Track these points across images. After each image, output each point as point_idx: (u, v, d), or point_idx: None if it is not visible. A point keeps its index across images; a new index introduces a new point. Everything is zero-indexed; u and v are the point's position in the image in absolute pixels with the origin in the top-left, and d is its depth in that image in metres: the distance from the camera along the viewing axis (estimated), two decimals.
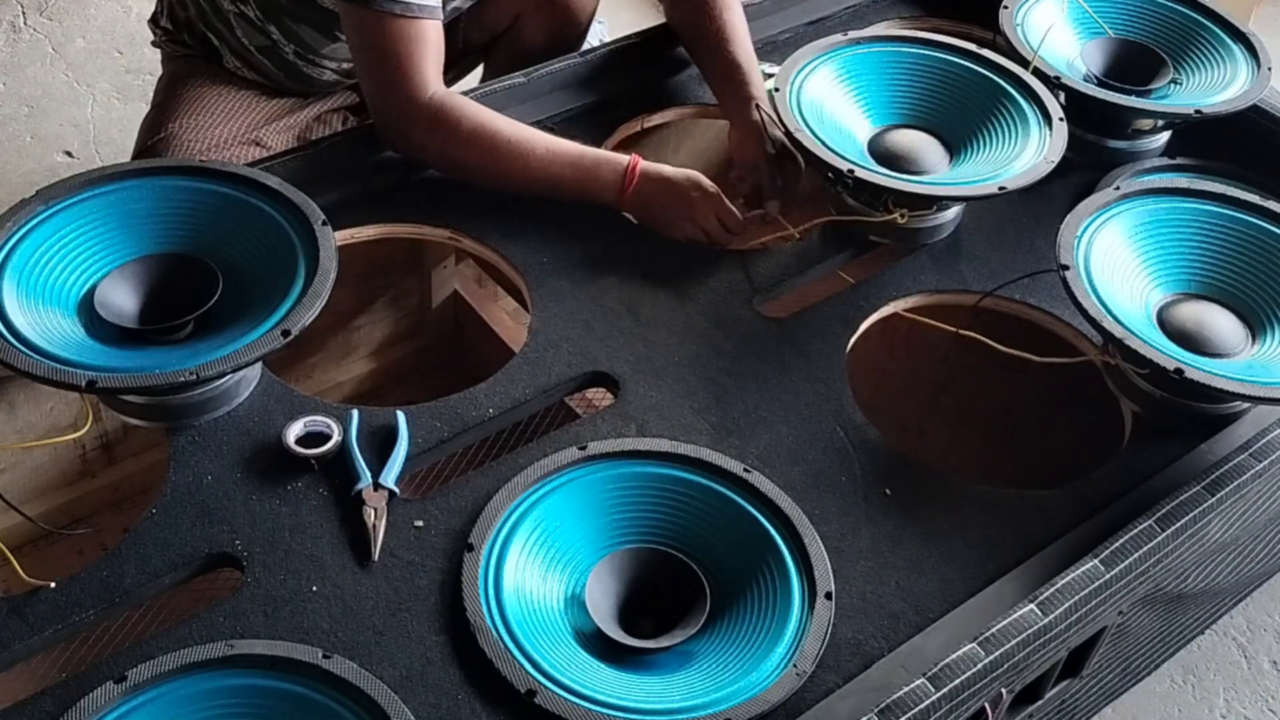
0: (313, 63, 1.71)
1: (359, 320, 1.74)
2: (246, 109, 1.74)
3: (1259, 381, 1.27)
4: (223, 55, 1.73)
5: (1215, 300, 1.40)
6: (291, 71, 1.72)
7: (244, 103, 1.74)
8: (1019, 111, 1.55)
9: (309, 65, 1.71)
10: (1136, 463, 1.32)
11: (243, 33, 1.69)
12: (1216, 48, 1.72)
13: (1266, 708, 1.60)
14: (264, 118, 1.75)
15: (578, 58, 1.71)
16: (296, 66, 1.71)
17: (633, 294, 1.44)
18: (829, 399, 1.34)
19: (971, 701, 1.13)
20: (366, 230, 1.48)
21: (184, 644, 1.06)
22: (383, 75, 1.44)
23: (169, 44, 1.79)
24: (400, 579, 1.15)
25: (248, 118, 1.73)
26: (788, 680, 1.07)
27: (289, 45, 1.68)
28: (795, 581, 1.14)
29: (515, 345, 1.50)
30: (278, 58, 1.70)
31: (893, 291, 1.47)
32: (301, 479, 1.22)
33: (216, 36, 1.72)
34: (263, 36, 1.68)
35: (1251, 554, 1.52)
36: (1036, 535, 1.24)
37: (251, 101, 1.75)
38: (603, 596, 1.13)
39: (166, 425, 1.25)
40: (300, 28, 1.66)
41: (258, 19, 1.66)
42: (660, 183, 1.48)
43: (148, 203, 1.34)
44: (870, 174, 1.47)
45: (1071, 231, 1.38)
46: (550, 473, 1.20)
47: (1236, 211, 1.44)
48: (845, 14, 1.88)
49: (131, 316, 1.27)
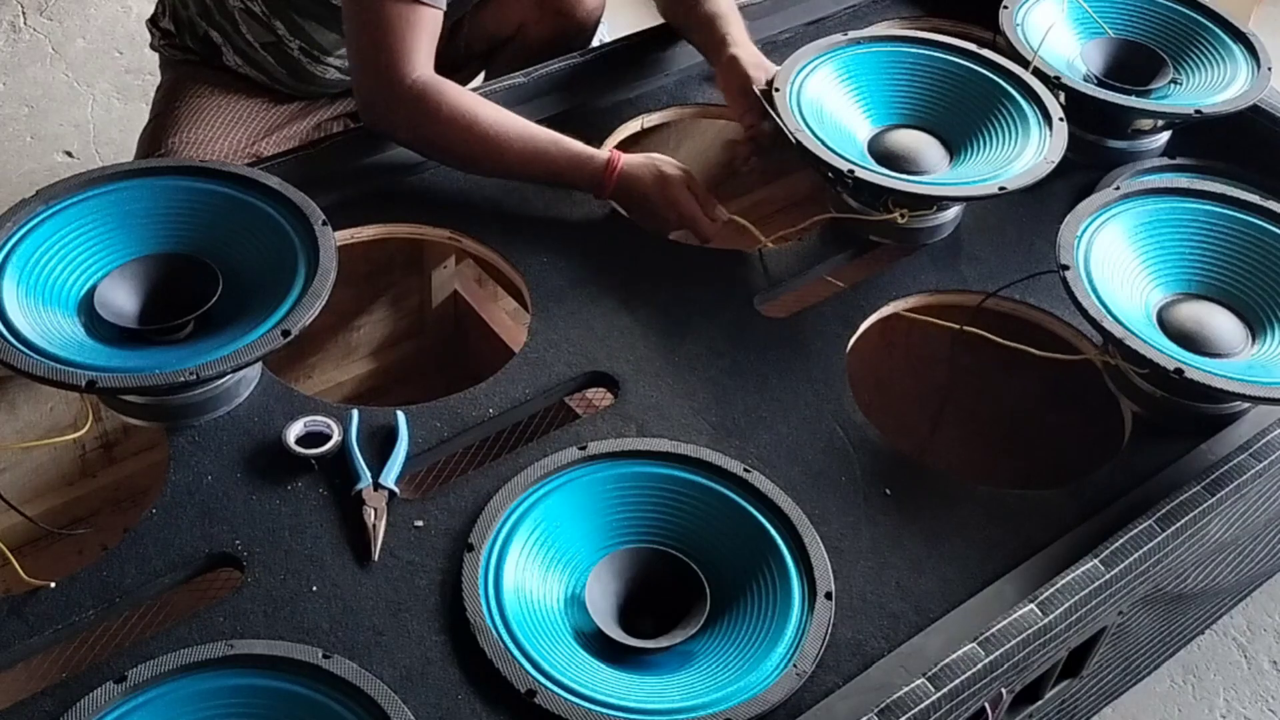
0: (317, 60, 1.71)
1: (359, 320, 1.74)
2: (247, 119, 1.74)
3: (1259, 381, 1.27)
4: (224, 53, 1.73)
5: (1215, 300, 1.40)
6: (294, 69, 1.72)
7: (244, 112, 1.74)
8: (1019, 111, 1.55)
9: (313, 63, 1.71)
10: (1136, 463, 1.32)
11: (247, 28, 1.69)
12: (1216, 48, 1.72)
13: (1266, 708, 1.60)
14: (264, 128, 1.75)
15: (577, 57, 1.71)
16: (300, 63, 1.71)
17: (633, 294, 1.44)
18: (829, 399, 1.34)
19: (971, 701, 1.13)
20: (366, 230, 1.48)
21: (184, 644, 1.06)
22: (373, 53, 1.43)
23: (168, 48, 1.79)
24: (400, 579, 1.15)
25: (248, 129, 1.73)
26: (788, 680, 1.07)
27: (294, 41, 1.68)
28: (795, 581, 1.14)
29: (515, 345, 1.50)
30: (281, 54, 1.70)
31: (893, 291, 1.47)
32: (301, 479, 1.22)
33: (219, 33, 1.72)
34: (268, 32, 1.68)
35: (1251, 554, 1.52)
36: (1036, 535, 1.24)
37: (251, 111, 1.75)
38: (603, 596, 1.13)
39: (166, 425, 1.25)
40: (307, 23, 1.66)
41: (264, 14, 1.66)
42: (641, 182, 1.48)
43: (148, 203, 1.34)
44: (870, 174, 1.47)
45: (1071, 231, 1.38)
46: (550, 473, 1.20)
47: (1236, 211, 1.44)
48: (845, 14, 1.88)
49: (131, 316, 1.27)
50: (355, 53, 1.47)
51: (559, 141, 1.48)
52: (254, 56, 1.72)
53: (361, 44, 1.45)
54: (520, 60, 1.78)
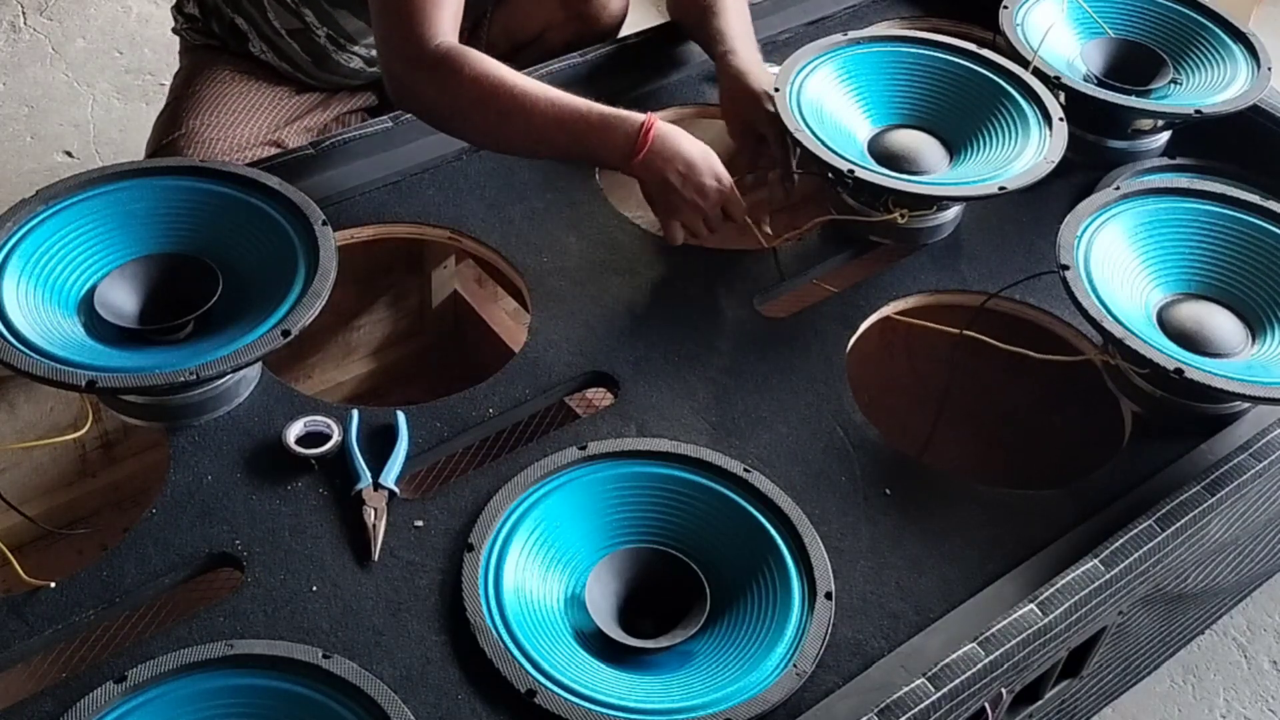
0: (342, 48, 1.71)
1: (359, 320, 1.74)
2: (267, 106, 1.74)
3: (1259, 381, 1.27)
4: (249, 39, 1.73)
5: (1215, 300, 1.40)
6: (319, 57, 1.72)
7: (265, 100, 1.74)
8: (1019, 111, 1.55)
9: (338, 50, 1.71)
10: (1136, 463, 1.32)
11: (275, 15, 1.69)
12: (1216, 48, 1.72)
13: (1266, 708, 1.60)
14: (285, 117, 1.75)
15: (577, 57, 1.71)
16: (326, 51, 1.71)
17: (633, 294, 1.44)
18: (829, 399, 1.34)
19: (971, 701, 1.13)
20: (366, 230, 1.48)
21: (184, 644, 1.06)
22: (396, 19, 1.40)
23: (191, 32, 1.79)
24: (400, 579, 1.15)
25: (269, 117, 1.73)
26: (788, 680, 1.07)
27: (322, 29, 1.68)
28: (795, 581, 1.14)
29: (515, 345, 1.50)
30: (308, 41, 1.70)
31: (893, 292, 1.47)
32: (301, 479, 1.22)
33: (246, 19, 1.72)
34: (296, 19, 1.68)
35: (1251, 554, 1.52)
36: (1036, 535, 1.24)
37: (273, 99, 1.75)
38: (603, 596, 1.13)
39: (166, 425, 1.25)
40: (337, 11, 1.66)
41: (293, 2, 1.67)
42: (675, 160, 1.41)
43: (148, 203, 1.34)
44: (870, 174, 1.47)
45: (1071, 231, 1.38)
46: (550, 473, 1.20)
47: (1236, 211, 1.44)
48: (845, 14, 1.88)
49: (131, 316, 1.27)
50: (380, 23, 1.44)
51: (590, 103, 1.42)
52: (279, 44, 1.71)
53: (385, 11, 1.42)
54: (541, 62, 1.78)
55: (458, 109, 1.42)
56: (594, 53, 1.72)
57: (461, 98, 1.40)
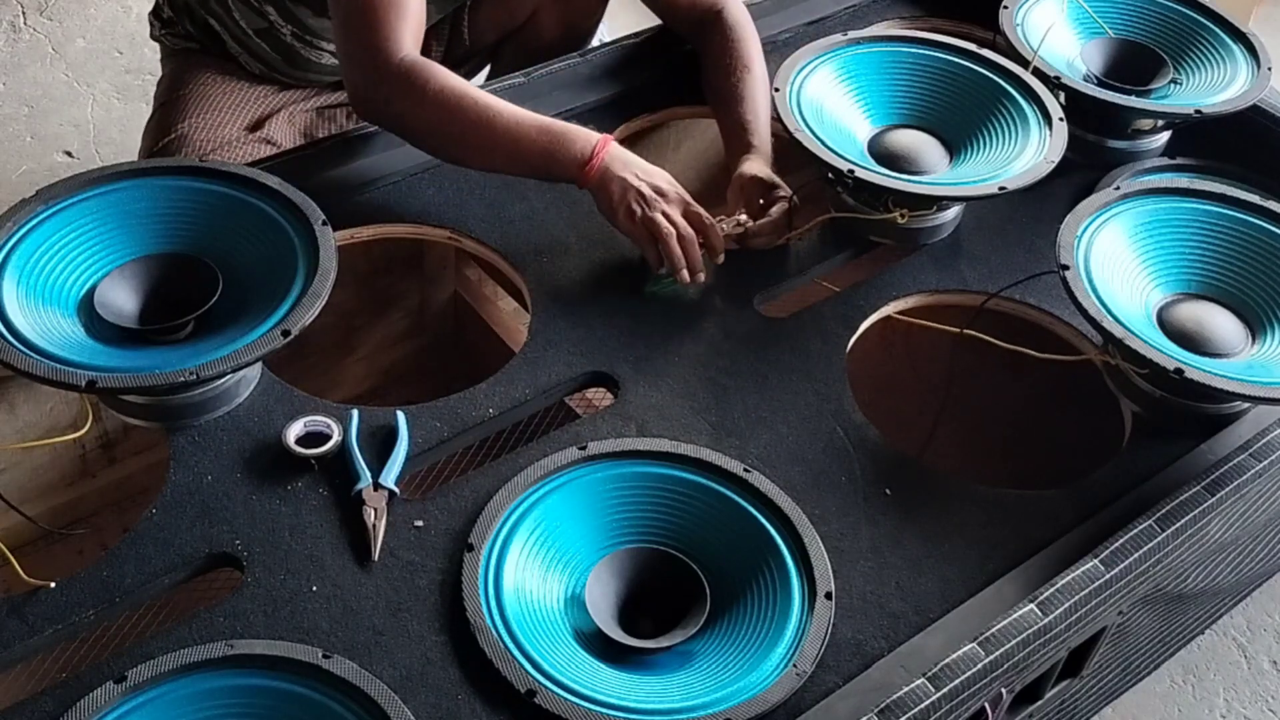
0: (310, 44, 1.71)
1: (359, 320, 1.73)
2: (253, 102, 1.74)
3: (1259, 381, 1.27)
4: (224, 40, 1.73)
5: (1215, 300, 1.40)
6: (289, 55, 1.72)
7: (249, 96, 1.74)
8: (1019, 111, 1.55)
9: (306, 47, 1.71)
10: (1136, 463, 1.32)
11: (240, 15, 1.69)
12: (1216, 48, 1.72)
13: (1266, 708, 1.60)
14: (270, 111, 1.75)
15: (577, 57, 1.71)
16: (294, 49, 1.71)
17: (633, 294, 1.44)
18: (829, 399, 1.34)
19: (971, 701, 1.13)
20: (366, 230, 1.48)
21: (184, 644, 1.06)
22: (358, 34, 1.42)
23: (169, 36, 1.79)
24: (400, 579, 1.15)
25: (254, 112, 1.73)
26: (788, 680, 1.07)
27: (286, 26, 1.68)
28: (795, 581, 1.14)
29: (515, 345, 1.50)
30: (275, 40, 1.70)
31: (893, 292, 1.47)
32: (301, 479, 1.22)
33: (216, 20, 1.72)
34: (260, 19, 1.69)
35: (1251, 554, 1.52)
36: (1036, 535, 1.24)
37: (258, 95, 1.75)
38: (603, 596, 1.13)
39: (166, 425, 1.25)
40: (298, 9, 1.66)
41: (255, 1, 1.67)
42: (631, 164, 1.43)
43: (148, 203, 1.34)
44: (870, 174, 1.47)
45: (1071, 231, 1.38)
46: (550, 473, 1.20)
47: (1236, 211, 1.44)
48: (845, 14, 1.88)
49: (131, 316, 1.27)
50: (340, 37, 1.46)
51: (551, 119, 1.44)
52: (249, 44, 1.72)
53: (347, 27, 1.44)
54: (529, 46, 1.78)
55: (420, 125, 1.44)
56: (593, 53, 1.72)
57: (424, 113, 1.42)
